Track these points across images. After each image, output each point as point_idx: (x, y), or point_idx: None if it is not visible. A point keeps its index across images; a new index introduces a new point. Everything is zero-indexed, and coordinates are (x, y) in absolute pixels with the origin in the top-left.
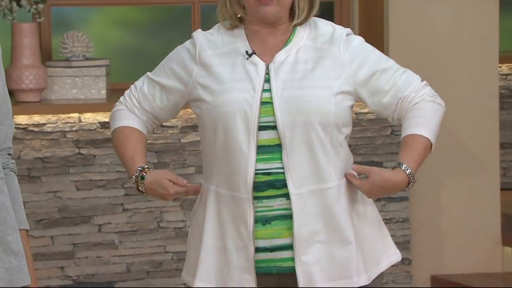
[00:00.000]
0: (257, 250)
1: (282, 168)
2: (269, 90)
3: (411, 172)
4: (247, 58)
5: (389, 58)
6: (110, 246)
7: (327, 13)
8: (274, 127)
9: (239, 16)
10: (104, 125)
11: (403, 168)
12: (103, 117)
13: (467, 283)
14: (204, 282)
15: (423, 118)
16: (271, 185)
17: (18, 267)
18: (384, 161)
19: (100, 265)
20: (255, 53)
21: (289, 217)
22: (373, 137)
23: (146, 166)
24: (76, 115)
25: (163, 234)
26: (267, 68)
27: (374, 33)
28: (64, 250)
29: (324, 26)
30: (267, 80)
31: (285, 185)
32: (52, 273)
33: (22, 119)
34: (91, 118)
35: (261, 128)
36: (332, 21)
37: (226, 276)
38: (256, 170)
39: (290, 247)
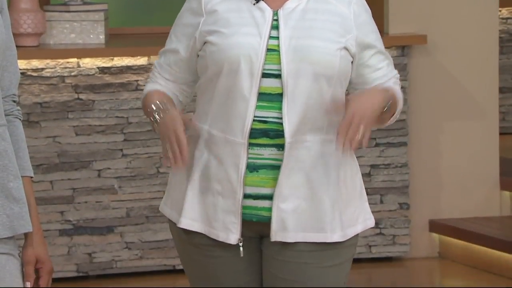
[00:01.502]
0: (243, 196)
1: (279, 118)
2: (276, 38)
3: (387, 88)
4: (254, 4)
5: (382, 42)
6: (109, 191)
7: None
8: (278, 76)
9: None
10: (103, 70)
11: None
12: (101, 62)
13: (465, 227)
14: (189, 220)
15: (396, 89)
16: (265, 133)
17: (20, 214)
18: None
19: (100, 210)
20: None
21: (277, 167)
22: None
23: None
24: (74, 60)
25: (162, 180)
26: (275, 15)
27: None
28: (63, 194)
29: None
30: (274, 27)
31: (278, 136)
32: (52, 218)
33: (21, 64)
34: (89, 63)
35: (264, 75)
36: None
37: (212, 217)
38: (253, 116)
39: (272, 197)
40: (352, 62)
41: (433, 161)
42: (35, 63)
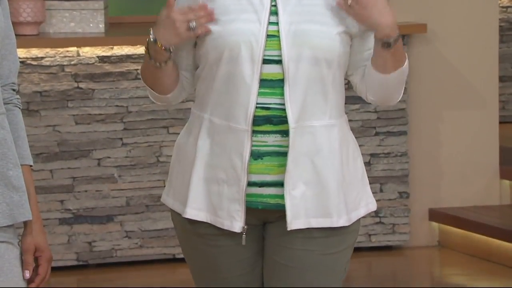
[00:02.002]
0: (248, 184)
1: (281, 104)
2: (276, 23)
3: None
4: None
5: None
6: (109, 180)
7: None
8: (278, 62)
9: None
10: (103, 59)
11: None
12: (101, 51)
13: (465, 216)
14: (194, 210)
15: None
16: (268, 120)
17: (20, 202)
18: None
19: (100, 199)
20: None
21: (282, 154)
22: None
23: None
24: (74, 49)
25: (162, 169)
26: (273, 1)
27: None
28: (63, 183)
29: None
30: (273, 12)
31: (281, 122)
32: (52, 206)
33: (20, 53)
34: (89, 52)
35: (265, 61)
36: None
37: (217, 205)
38: (256, 103)
39: (278, 184)
40: (351, 44)
41: (433, 150)
42: (35, 52)
